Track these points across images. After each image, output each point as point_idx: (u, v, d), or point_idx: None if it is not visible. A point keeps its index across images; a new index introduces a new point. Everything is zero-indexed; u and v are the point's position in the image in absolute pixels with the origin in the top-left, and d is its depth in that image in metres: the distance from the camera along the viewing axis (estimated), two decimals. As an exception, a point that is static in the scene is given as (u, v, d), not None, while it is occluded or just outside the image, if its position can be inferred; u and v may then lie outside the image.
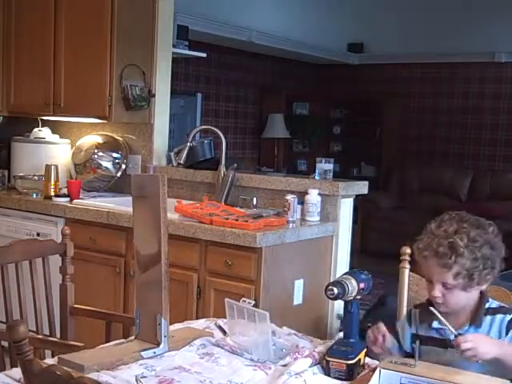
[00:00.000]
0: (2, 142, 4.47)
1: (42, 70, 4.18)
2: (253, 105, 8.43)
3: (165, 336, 1.95)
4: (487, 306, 2.02)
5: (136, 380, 1.68)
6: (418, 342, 1.89)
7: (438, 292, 1.96)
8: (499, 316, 2.00)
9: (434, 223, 2.00)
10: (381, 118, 8.78)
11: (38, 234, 3.75)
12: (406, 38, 8.33)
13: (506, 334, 1.97)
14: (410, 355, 1.98)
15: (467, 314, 2.01)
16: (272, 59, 8.40)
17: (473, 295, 2.00)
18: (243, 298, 2.95)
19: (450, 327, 1.91)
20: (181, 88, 7.08)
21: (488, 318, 2.00)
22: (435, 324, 2.01)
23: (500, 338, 1.97)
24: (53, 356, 2.34)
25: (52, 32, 4.11)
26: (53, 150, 4.31)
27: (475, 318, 1.99)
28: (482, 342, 1.86)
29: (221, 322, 2.28)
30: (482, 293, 2.03)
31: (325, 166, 3.57)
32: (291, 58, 8.52)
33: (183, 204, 3.46)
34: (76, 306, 2.68)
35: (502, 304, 2.07)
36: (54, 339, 2.54)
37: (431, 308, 1.98)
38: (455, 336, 1.88)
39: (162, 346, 1.94)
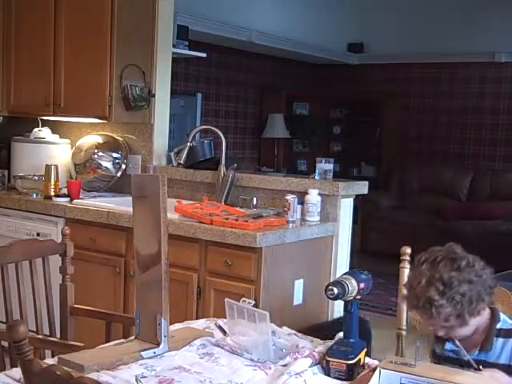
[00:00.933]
0: (2, 141, 4.47)
1: (42, 70, 4.18)
2: (253, 105, 8.42)
3: (165, 336, 1.95)
4: (499, 326, 2.00)
5: (136, 380, 1.68)
6: (418, 342, 1.89)
7: (440, 333, 1.99)
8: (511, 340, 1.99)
9: (412, 271, 2.00)
10: (381, 118, 8.78)
11: (38, 234, 3.75)
12: (406, 38, 8.32)
13: None
14: None
15: (480, 333, 2.01)
16: (272, 59, 8.40)
17: (479, 320, 1.98)
18: (243, 298, 2.94)
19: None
20: (181, 88, 7.07)
21: (500, 340, 1.99)
22: (448, 346, 2.04)
23: (511, 362, 1.97)
24: (53, 356, 2.34)
25: (52, 32, 4.11)
26: (53, 150, 4.30)
27: (485, 343, 1.99)
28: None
29: (221, 321, 2.28)
30: (492, 311, 2.02)
31: (325, 165, 3.57)
32: (291, 58, 8.52)
33: (183, 204, 3.46)
34: (76, 306, 2.68)
35: None
36: (54, 339, 2.54)
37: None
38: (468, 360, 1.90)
39: (162, 345, 1.94)
